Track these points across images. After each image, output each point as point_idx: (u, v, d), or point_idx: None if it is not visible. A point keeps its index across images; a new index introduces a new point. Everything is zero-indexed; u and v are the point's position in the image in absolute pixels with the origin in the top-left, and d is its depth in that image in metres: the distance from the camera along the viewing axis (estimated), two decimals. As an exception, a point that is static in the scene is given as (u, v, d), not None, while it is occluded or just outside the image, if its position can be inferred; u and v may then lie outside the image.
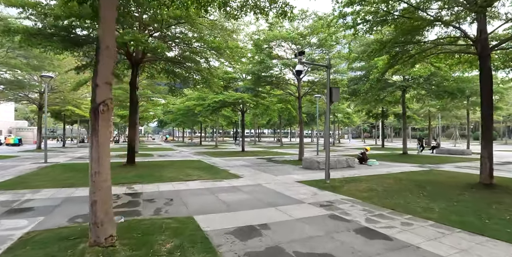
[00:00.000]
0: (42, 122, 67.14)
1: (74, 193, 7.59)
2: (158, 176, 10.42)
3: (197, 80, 15.35)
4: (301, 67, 8.89)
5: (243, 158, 18.68)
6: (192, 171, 11.88)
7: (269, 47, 15.27)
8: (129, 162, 12.79)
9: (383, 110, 34.03)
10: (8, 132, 48.62)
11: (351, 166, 13.97)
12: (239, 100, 22.25)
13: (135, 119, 12.87)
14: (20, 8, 9.98)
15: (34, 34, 10.55)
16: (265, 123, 57.21)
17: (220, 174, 11.19)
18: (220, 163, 15.77)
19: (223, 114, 35.86)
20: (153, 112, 40.33)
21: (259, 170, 12.51)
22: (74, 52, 13.02)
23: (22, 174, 11.16)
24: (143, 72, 15.23)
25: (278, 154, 23.18)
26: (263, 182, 9.43)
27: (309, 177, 10.51)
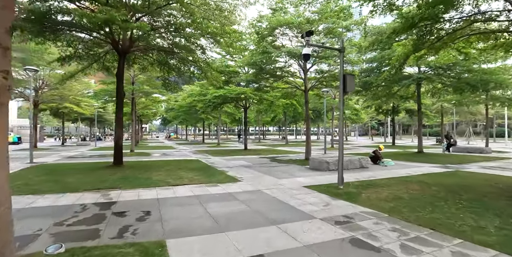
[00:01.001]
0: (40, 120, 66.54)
1: (34, 203, 6.27)
2: (143, 179, 9.08)
3: (193, 72, 13.95)
4: (309, 50, 7.43)
5: (244, 157, 17.29)
6: (185, 173, 10.52)
7: (272, 35, 13.77)
8: (116, 163, 11.50)
9: (394, 105, 32.33)
10: (10, 130, 47.90)
11: (365, 167, 12.49)
12: (241, 95, 20.83)
13: (122, 115, 11.55)
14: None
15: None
16: (269, 120, 55.67)
17: (216, 176, 9.81)
18: (219, 163, 14.40)
19: (225, 111, 34.48)
20: (155, 109, 39.05)
21: (260, 172, 11.10)
22: (57, 42, 11.73)
23: None
24: (134, 64, 13.86)
25: (283, 152, 21.74)
26: (264, 187, 8.01)
27: (318, 181, 9.07)
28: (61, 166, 12.60)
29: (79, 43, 12.24)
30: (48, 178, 9.30)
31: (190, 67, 13.82)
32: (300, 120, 45.95)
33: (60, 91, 27.55)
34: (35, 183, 8.48)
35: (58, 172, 10.77)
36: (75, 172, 10.68)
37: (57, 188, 7.81)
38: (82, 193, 7.21)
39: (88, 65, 13.52)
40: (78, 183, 8.50)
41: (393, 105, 31.87)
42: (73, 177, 9.56)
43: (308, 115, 15.40)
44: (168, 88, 14.53)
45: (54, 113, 35.82)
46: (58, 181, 8.83)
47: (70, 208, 5.80)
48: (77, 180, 9.00)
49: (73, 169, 11.59)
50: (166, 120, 60.35)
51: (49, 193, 7.25)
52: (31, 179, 9.24)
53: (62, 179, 9.09)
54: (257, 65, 14.07)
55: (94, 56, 13.16)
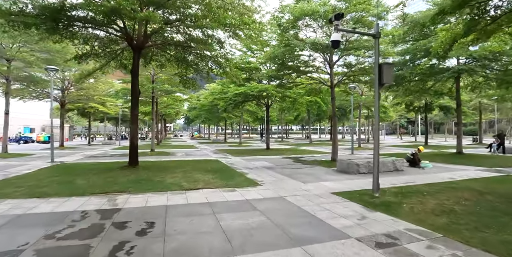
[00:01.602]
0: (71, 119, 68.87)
1: (36, 208, 5.74)
2: (156, 182, 8.44)
3: (211, 68, 13.23)
4: (338, 36, 6.39)
5: (266, 158, 16.41)
6: (201, 175, 9.81)
7: (295, 26, 12.74)
8: (131, 163, 11.01)
9: (427, 102, 30.17)
10: (42, 129, 50.13)
11: (399, 170, 11.21)
12: (262, 92, 19.95)
13: (137, 113, 11.05)
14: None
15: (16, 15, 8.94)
16: (292, 119, 54.37)
17: (234, 179, 9.00)
18: (239, 163, 13.63)
19: (247, 109, 33.78)
20: (177, 108, 39.09)
21: (283, 174, 10.17)
22: (73, 39, 11.43)
23: (11, 176, 9.72)
24: (151, 61, 13.37)
25: (307, 152, 20.63)
26: (287, 193, 7.09)
27: (348, 186, 8.02)
28: (78, 166, 12.34)
29: (95, 40, 11.90)
30: (60, 179, 8.91)
31: (208, 63, 13.12)
32: (324, 118, 44.36)
33: (86, 91, 28.02)
34: (45, 185, 8.09)
35: (73, 172, 10.43)
36: (90, 172, 10.29)
37: (65, 191, 7.32)
38: (89, 197, 6.66)
39: (106, 63, 13.19)
40: (88, 185, 8.01)
41: (426, 101, 29.73)
42: (85, 178, 9.12)
43: (335, 113, 14.25)
44: (186, 85, 13.92)
45: (81, 113, 36.74)
46: (69, 182, 8.40)
47: (69, 216, 5.20)
48: (88, 182, 8.53)
49: (88, 169, 11.24)
50: (189, 119, 60.72)
51: (55, 196, 6.76)
52: (43, 180, 8.89)
53: (73, 181, 8.67)
54: (279, 60, 13.11)
55: (111, 54, 12.79)
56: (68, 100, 28.32)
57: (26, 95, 25.93)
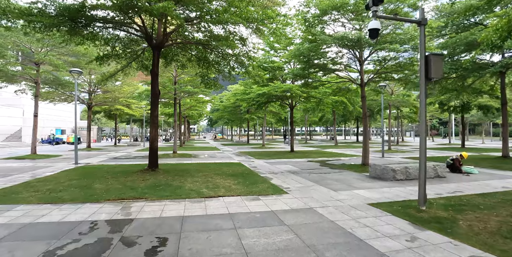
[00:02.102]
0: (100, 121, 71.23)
1: (46, 216, 5.35)
2: (175, 187, 7.92)
3: (233, 67, 12.66)
4: (377, 24, 5.54)
5: (291, 161, 15.61)
6: (223, 180, 9.20)
7: (322, 21, 11.88)
8: (151, 166, 10.61)
9: (464, 101, 28.01)
10: (72, 131, 52.05)
11: (441, 176, 10.04)
12: (286, 92, 19.17)
13: (157, 114, 10.65)
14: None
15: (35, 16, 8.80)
16: (317, 120, 53.01)
17: (258, 185, 8.31)
18: (263, 167, 12.93)
19: (270, 111, 33.07)
20: (200, 110, 39.08)
21: (311, 180, 9.35)
22: (95, 41, 11.29)
23: (33, 178, 9.64)
24: (171, 61, 13.01)
25: (334, 155, 19.57)
26: (318, 203, 6.30)
27: (386, 196, 7.09)
28: (99, 169, 12.16)
29: (116, 41, 11.70)
30: (78, 183, 8.63)
31: (229, 62, 12.57)
32: (350, 119, 42.71)
33: (111, 93, 28.53)
34: (62, 189, 7.80)
35: (93, 175, 10.18)
36: (109, 175, 10.00)
37: (81, 196, 6.96)
38: (103, 204, 6.22)
39: (127, 64, 13.01)
40: (105, 190, 7.63)
41: (463, 100, 27.60)
42: (103, 182, 8.80)
43: (366, 113, 13.19)
44: (208, 85, 13.45)
45: (108, 115, 37.62)
46: (87, 187, 8.07)
47: (77, 227, 4.74)
48: (106, 186, 8.17)
49: (108, 172, 11.00)
50: (212, 121, 60.95)
51: (69, 202, 6.39)
52: (62, 183, 8.65)
53: (91, 185, 8.34)
54: (304, 57, 12.29)
55: (132, 55, 12.58)
56: (95, 102, 28.97)
57: (56, 98, 26.75)
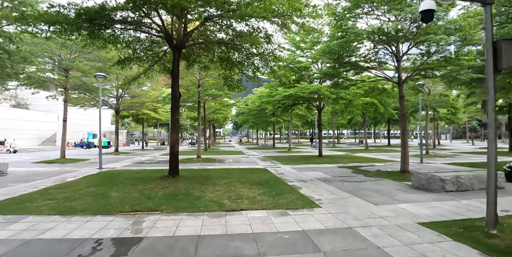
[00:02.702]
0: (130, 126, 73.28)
1: (50, 231, 4.84)
2: (194, 198, 7.23)
3: (257, 67, 11.93)
4: (431, 4, 4.53)
5: (320, 167, 14.54)
6: (247, 189, 8.41)
7: (353, 14, 10.81)
8: (171, 173, 10.04)
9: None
10: (103, 135, 53.85)
11: (499, 187, 8.58)
12: (314, 94, 18.14)
13: (178, 118, 10.10)
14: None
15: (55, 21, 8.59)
16: (345, 123, 51.00)
17: (285, 196, 7.42)
18: (290, 173, 12.02)
19: (296, 113, 31.96)
20: (225, 113, 38.82)
21: (345, 190, 8.32)
22: (116, 44, 11.06)
23: (54, 184, 9.41)
24: (194, 62, 12.51)
25: (366, 160, 18.20)
26: (357, 221, 5.31)
27: (438, 212, 5.94)
28: (120, 174, 11.82)
29: (136, 43, 11.40)
30: (95, 191, 8.20)
31: (254, 62, 11.85)
32: (381, 121, 40.52)
33: (138, 98, 28.87)
34: (77, 197, 7.38)
35: (112, 181, 9.79)
36: (128, 182, 9.55)
37: (93, 206, 6.46)
38: (114, 217, 5.64)
39: (149, 67, 12.67)
40: (120, 199, 7.10)
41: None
42: (120, 189, 8.32)
43: (405, 114, 11.92)
44: (231, 87, 12.82)
45: (135, 119, 38.33)
46: (102, 195, 7.61)
47: (79, 247, 4.14)
48: (122, 194, 7.66)
49: (128, 178, 10.59)
50: (237, 124, 60.74)
51: (79, 213, 5.89)
52: (79, 190, 8.27)
53: (107, 193, 7.87)
54: (335, 54, 11.27)
55: (153, 57, 12.23)
56: (123, 107, 29.45)
57: (86, 103, 27.46)
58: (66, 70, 19.22)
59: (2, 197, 7.67)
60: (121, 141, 52.55)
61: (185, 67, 13.57)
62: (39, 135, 40.76)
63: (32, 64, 14.85)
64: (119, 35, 10.93)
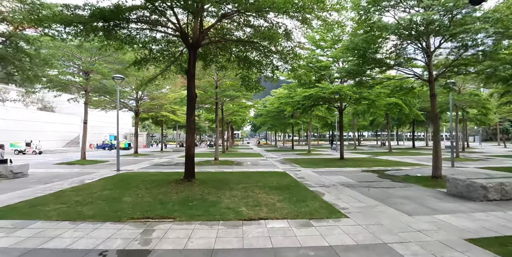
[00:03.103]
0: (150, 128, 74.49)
1: (55, 239, 4.52)
2: (209, 204, 6.77)
3: (277, 67, 11.40)
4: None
5: (342, 170, 13.78)
6: (265, 194, 7.88)
7: (382, 8, 10.07)
8: (187, 176, 9.66)
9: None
10: (124, 137, 54.97)
11: (552, 196, 7.60)
12: (335, 94, 17.38)
13: (194, 119, 9.73)
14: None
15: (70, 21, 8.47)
16: (366, 125, 49.37)
17: (307, 203, 6.83)
18: (311, 177, 11.37)
19: (316, 115, 31.13)
20: (243, 115, 38.47)
21: (372, 197, 7.61)
22: (133, 44, 10.91)
23: (69, 187, 9.30)
24: (211, 62, 12.15)
25: (391, 164, 17.20)
26: (391, 236, 4.65)
27: (485, 225, 5.17)
28: (136, 177, 11.60)
29: (153, 43, 11.18)
30: (108, 194, 7.94)
31: (272, 60, 11.34)
32: (406, 123, 38.81)
33: (158, 100, 29.02)
34: (90, 201, 7.12)
35: (127, 184, 9.54)
36: (143, 185, 9.25)
37: (104, 212, 6.14)
38: (124, 225, 5.27)
39: (165, 67, 12.44)
40: (133, 204, 6.76)
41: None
42: (134, 193, 8.01)
43: (437, 114, 11.00)
44: (248, 88, 12.37)
45: (155, 121, 38.72)
46: (115, 199, 7.31)
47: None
48: (135, 199, 7.33)
49: (144, 181, 10.32)
50: (255, 126, 60.33)
51: (89, 220, 5.57)
52: (93, 194, 8.04)
53: (120, 197, 7.57)
54: (359, 50, 10.55)
55: (170, 57, 11.99)
56: (142, 109, 29.72)
57: (107, 106, 27.90)
58: (87, 73, 19.48)
59: (18, 199, 7.55)
60: (141, 143, 53.49)
61: (202, 68, 13.27)
62: (63, 137, 42.02)
63: (53, 67, 15.03)
64: (135, 36, 10.77)
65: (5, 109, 35.79)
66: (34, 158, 23.71)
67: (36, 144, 30.77)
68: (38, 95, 41.79)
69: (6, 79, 13.85)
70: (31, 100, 43.74)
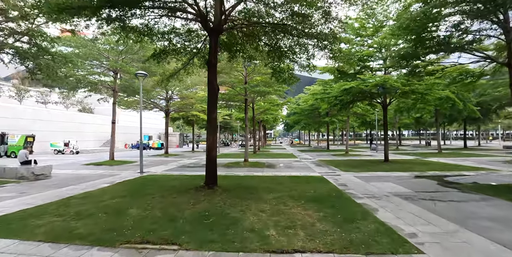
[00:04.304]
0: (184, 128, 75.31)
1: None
2: (230, 222, 5.31)
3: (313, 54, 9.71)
4: None
5: (390, 176, 11.71)
6: (301, 208, 6.28)
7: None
8: (209, 183, 8.29)
9: None
10: (158, 137, 55.87)
11: None
12: (379, 87, 15.21)
13: (216, 116, 8.37)
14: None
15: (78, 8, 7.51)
16: (409, 123, 45.36)
17: (358, 225, 5.12)
18: (355, 185, 9.53)
19: (354, 112, 28.67)
20: (275, 113, 36.84)
21: (443, 216, 5.69)
22: (152, 36, 9.91)
23: (78, 193, 8.36)
24: (237, 53, 10.74)
25: (446, 167, 14.66)
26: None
27: None
28: (156, 181, 10.51)
29: (173, 34, 10.05)
30: (114, 204, 6.79)
31: (308, 47, 9.66)
32: (458, 120, 34.70)
33: (188, 99, 28.35)
34: (90, 213, 6.02)
35: (142, 191, 8.41)
36: (158, 193, 8.04)
37: (100, 229, 4.96)
38: (113, 253, 3.99)
39: (188, 60, 11.26)
40: (137, 220, 5.51)
41: None
42: (144, 204, 6.79)
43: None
44: (280, 79, 10.80)
45: (186, 121, 38.41)
46: (118, 212, 6.12)
47: None
48: (142, 212, 6.09)
49: (162, 186, 9.16)
50: (288, 125, 58.38)
51: (75, 242, 4.42)
52: (99, 203, 6.97)
53: (126, 209, 6.38)
54: (416, 28, 8.50)
55: (192, 49, 10.80)
56: (172, 109, 29.28)
57: (137, 106, 27.75)
58: (115, 72, 19.08)
59: (18, 207, 6.68)
60: (175, 143, 53.89)
61: (227, 60, 11.91)
62: (100, 137, 43.27)
63: (75, 66, 14.45)
64: (153, 26, 9.74)
65: (46, 110, 37.41)
66: (70, 158, 24.02)
67: (73, 144, 31.60)
68: (78, 97, 43.50)
69: (30, 78, 13.62)
70: (71, 102, 45.61)
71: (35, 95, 41.20)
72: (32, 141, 26.50)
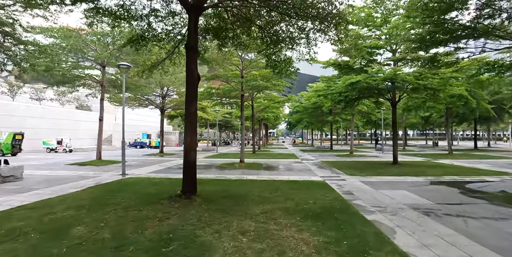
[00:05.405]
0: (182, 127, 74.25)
1: None
2: (196, 252, 3.92)
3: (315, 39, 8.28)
4: None
5: (402, 181, 10.24)
6: (295, 228, 4.87)
7: None
8: (186, 191, 6.87)
9: None
10: (157, 136, 54.61)
11: None
12: (388, 81, 13.70)
13: (195, 110, 6.99)
14: None
15: None
16: (415, 122, 43.66)
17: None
18: (363, 193, 8.09)
19: (359, 110, 27.12)
20: (276, 111, 35.38)
21: (482, 243, 4.26)
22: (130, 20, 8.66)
23: (38, 200, 7.03)
24: (227, 39, 9.33)
25: (462, 171, 13.15)
26: None
27: None
28: (131, 186, 9.10)
29: (152, 15, 8.69)
30: (62, 219, 5.42)
31: (309, 32, 8.22)
32: (470, 119, 32.88)
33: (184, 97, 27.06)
34: (21, 234, 4.66)
35: (107, 201, 7.02)
36: (124, 203, 6.67)
37: None
38: None
39: (172, 48, 9.85)
40: (73, 246, 4.15)
41: None
42: (96, 220, 5.40)
43: None
44: (276, 70, 9.38)
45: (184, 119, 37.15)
46: (59, 232, 4.75)
47: None
48: (87, 233, 4.70)
49: (136, 193, 7.79)
50: (290, 124, 56.86)
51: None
52: (43, 217, 5.59)
53: (72, 226, 5.02)
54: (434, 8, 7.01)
55: (175, 35, 9.43)
56: (168, 106, 27.99)
57: (131, 103, 26.51)
58: (103, 66, 17.77)
59: None
60: (174, 142, 52.70)
61: (217, 48, 10.49)
62: (96, 135, 42.08)
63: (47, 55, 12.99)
64: (129, 7, 8.42)
65: (41, 108, 36.27)
66: (59, 157, 22.80)
67: (66, 142, 30.42)
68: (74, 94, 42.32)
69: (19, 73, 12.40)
70: (67, 99, 44.47)
71: (29, 91, 40.09)
72: (21, 139, 25.26)
